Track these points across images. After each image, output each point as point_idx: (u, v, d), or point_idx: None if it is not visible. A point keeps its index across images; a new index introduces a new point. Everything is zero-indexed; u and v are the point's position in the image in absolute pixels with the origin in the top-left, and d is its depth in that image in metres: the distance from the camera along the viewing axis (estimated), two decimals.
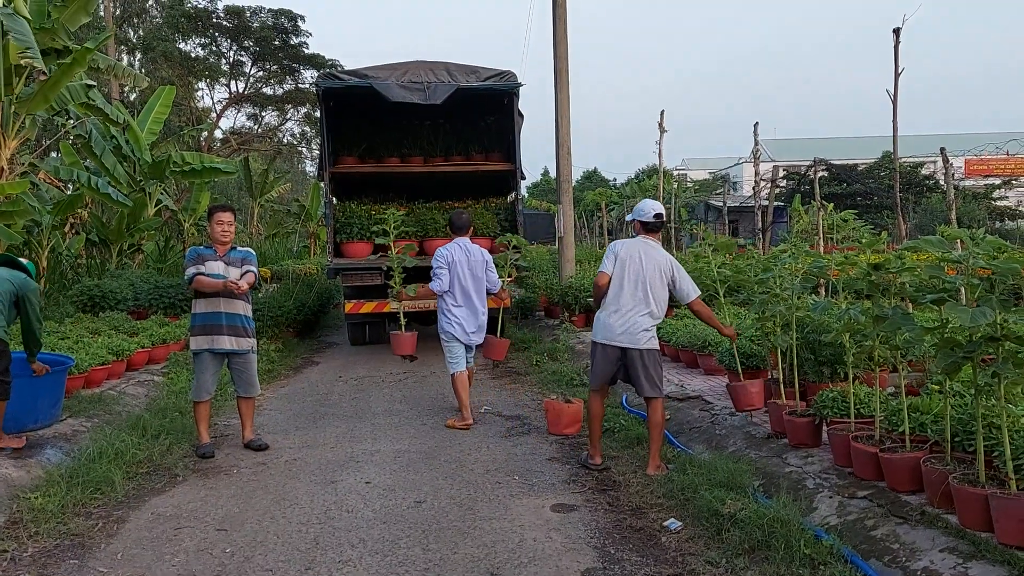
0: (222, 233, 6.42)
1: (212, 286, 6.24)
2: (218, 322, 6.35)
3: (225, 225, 6.44)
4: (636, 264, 5.65)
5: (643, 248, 5.74)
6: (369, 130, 12.65)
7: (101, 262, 15.18)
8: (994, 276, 3.70)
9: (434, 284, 7.27)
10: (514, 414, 7.63)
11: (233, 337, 6.39)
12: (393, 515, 4.91)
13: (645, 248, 5.74)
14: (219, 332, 6.36)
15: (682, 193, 39.99)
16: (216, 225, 6.43)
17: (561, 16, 13.18)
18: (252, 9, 33.04)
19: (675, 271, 5.73)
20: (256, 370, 6.66)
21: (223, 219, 6.45)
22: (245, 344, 6.47)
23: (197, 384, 6.43)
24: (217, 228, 6.42)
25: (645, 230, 5.84)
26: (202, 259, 6.34)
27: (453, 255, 7.28)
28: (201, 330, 6.36)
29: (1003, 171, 44.69)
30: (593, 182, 67.75)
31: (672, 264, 5.74)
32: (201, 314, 6.36)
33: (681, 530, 4.52)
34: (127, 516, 4.96)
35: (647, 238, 5.83)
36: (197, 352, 6.39)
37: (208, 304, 6.35)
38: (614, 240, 5.87)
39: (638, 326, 5.61)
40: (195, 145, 29.44)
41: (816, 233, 12.22)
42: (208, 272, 6.28)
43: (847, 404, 4.98)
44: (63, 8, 11.36)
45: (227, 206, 6.71)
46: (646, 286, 5.63)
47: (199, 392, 6.42)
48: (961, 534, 3.68)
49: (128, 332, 9.65)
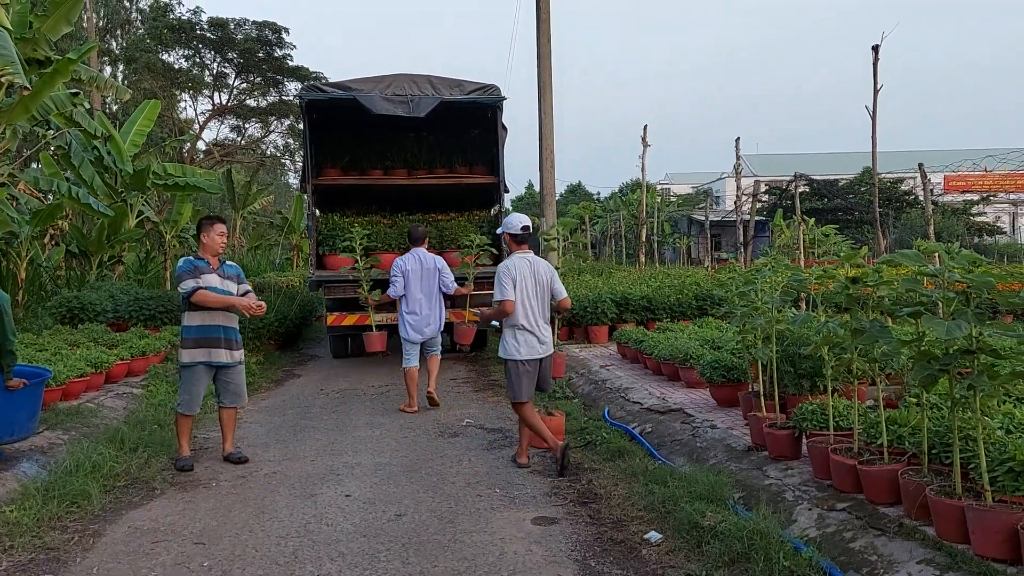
0: (221, 244, 6.47)
1: (218, 302, 6.24)
2: (216, 335, 6.36)
3: (223, 236, 6.48)
4: (530, 282, 6.22)
5: (527, 265, 6.28)
6: (352, 142, 12.64)
7: (81, 273, 15.07)
8: (970, 290, 3.74)
9: (391, 290, 8.48)
10: (496, 427, 7.62)
11: (228, 350, 6.42)
12: (373, 528, 4.88)
13: (528, 265, 6.28)
14: (217, 345, 6.36)
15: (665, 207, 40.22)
16: (217, 236, 6.45)
17: (545, 32, 13.27)
18: (236, 21, 33.01)
19: (552, 276, 6.44)
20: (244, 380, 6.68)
21: (222, 230, 6.49)
22: (238, 356, 6.53)
23: (189, 397, 6.36)
24: (218, 239, 6.46)
25: (515, 242, 6.35)
26: (199, 271, 6.31)
27: (407, 264, 8.41)
28: (196, 343, 6.31)
29: (981, 187, 45.24)
30: (577, 196, 68.04)
31: (549, 269, 6.45)
32: (197, 327, 6.31)
33: (662, 542, 4.53)
34: (103, 530, 4.90)
35: (522, 252, 6.34)
36: (191, 365, 6.32)
37: (206, 317, 6.32)
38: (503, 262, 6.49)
39: (547, 335, 6.35)
40: (177, 157, 29.33)
41: (797, 248, 12.32)
42: (205, 285, 6.27)
43: (826, 417, 5.01)
44: (44, 18, 11.29)
45: (222, 217, 6.77)
46: (544, 299, 6.31)
47: (191, 405, 6.36)
48: (938, 546, 3.70)
49: (107, 344, 9.58)
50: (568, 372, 9.85)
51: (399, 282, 8.43)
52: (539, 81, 13.31)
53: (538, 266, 6.32)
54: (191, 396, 6.36)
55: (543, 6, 13.25)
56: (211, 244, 6.46)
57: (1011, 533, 3.40)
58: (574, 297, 11.86)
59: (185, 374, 6.38)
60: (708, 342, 8.55)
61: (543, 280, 6.29)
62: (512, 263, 6.25)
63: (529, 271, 6.22)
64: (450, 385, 9.96)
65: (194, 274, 6.27)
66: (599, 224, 42.92)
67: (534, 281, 6.22)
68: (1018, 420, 4.33)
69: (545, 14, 13.28)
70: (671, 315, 11.87)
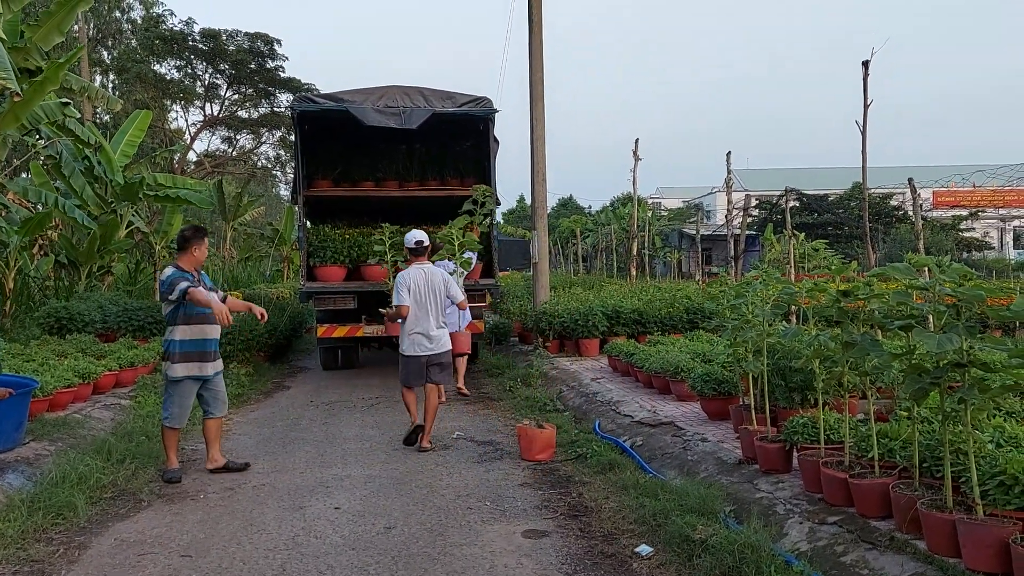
0: (205, 258, 6.49)
1: (208, 302, 6.14)
2: (205, 348, 6.35)
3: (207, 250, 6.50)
4: (424, 289, 7.22)
5: (422, 274, 7.27)
6: (344, 154, 12.64)
7: (70, 284, 14.97)
8: (960, 303, 3.76)
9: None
10: (487, 439, 7.59)
11: (214, 361, 6.44)
12: (362, 541, 4.84)
13: (423, 274, 7.28)
14: (206, 359, 6.36)
15: (656, 221, 40.33)
16: (205, 250, 6.49)
17: (537, 45, 13.31)
18: (228, 32, 33.07)
19: (448, 282, 7.44)
20: None
21: (206, 244, 6.52)
22: (220, 365, 6.57)
23: (180, 411, 6.31)
24: (205, 253, 6.49)
25: (412, 255, 7.40)
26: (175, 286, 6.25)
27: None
28: (186, 357, 6.26)
29: (970, 202, 45.61)
30: (568, 209, 68.17)
31: (444, 276, 7.42)
32: (189, 340, 6.27)
33: (652, 556, 4.50)
34: (89, 542, 4.85)
35: (419, 263, 7.37)
36: (180, 379, 6.27)
37: (195, 331, 6.29)
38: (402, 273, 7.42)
39: (440, 336, 7.30)
40: (168, 167, 29.25)
41: (787, 262, 12.35)
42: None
43: (817, 430, 5.01)
44: (36, 28, 11.28)
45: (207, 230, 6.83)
46: (437, 304, 7.28)
47: (181, 419, 6.32)
48: (929, 560, 3.69)
49: (95, 355, 9.51)
50: (559, 385, 9.84)
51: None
52: (531, 94, 13.34)
53: (433, 275, 7.32)
54: (182, 409, 6.32)
55: (535, 20, 13.30)
56: (200, 257, 6.45)
57: (1002, 547, 3.40)
58: (564, 310, 11.87)
59: (174, 388, 6.31)
60: (699, 355, 8.55)
61: (437, 287, 7.28)
62: (408, 273, 7.29)
63: (424, 280, 7.25)
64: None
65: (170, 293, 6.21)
66: (590, 237, 43.00)
67: (427, 288, 7.23)
68: (1009, 434, 4.34)
69: (537, 27, 13.32)
70: (662, 328, 11.88)
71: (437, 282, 7.30)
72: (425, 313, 7.21)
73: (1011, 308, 3.53)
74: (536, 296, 13.52)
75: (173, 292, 6.16)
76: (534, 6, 13.34)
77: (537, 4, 13.36)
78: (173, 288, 6.17)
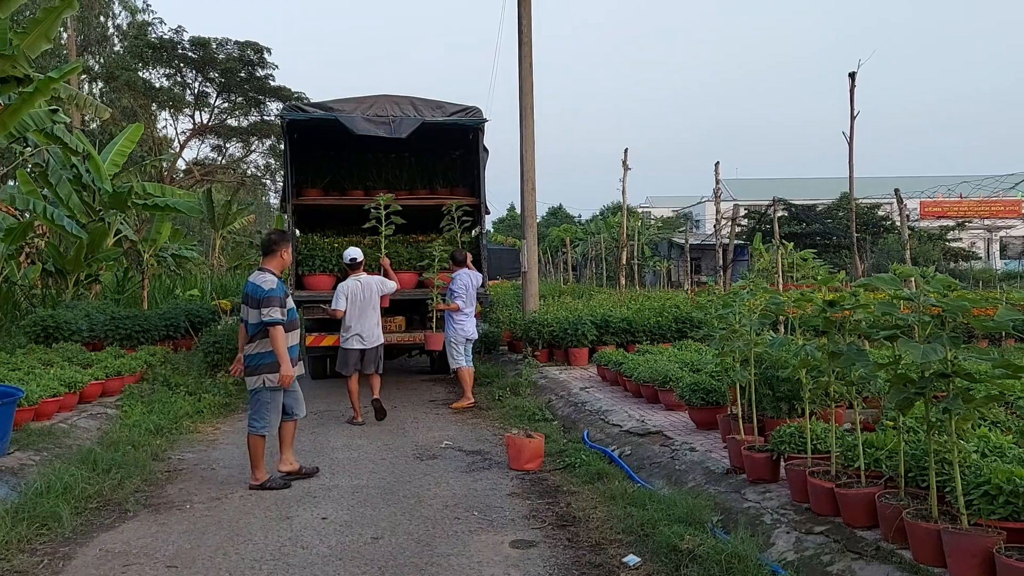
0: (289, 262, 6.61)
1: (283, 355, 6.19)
2: (296, 352, 6.51)
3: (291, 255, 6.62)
4: (360, 295, 8.85)
5: (358, 285, 8.89)
6: (333, 163, 12.62)
7: (57, 292, 14.89)
8: (945, 314, 3.78)
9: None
10: (475, 449, 7.58)
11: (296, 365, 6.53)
12: (349, 551, 4.82)
13: (360, 284, 8.90)
14: (295, 362, 6.48)
15: (646, 230, 40.42)
16: (290, 254, 6.57)
17: (526, 55, 13.36)
18: (218, 41, 33.04)
19: (382, 284, 9.08)
20: None
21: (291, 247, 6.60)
22: (301, 368, 6.78)
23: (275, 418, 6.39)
24: (290, 257, 6.58)
25: (349, 268, 9.00)
26: (286, 297, 6.36)
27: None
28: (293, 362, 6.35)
29: (956, 213, 45.92)
30: (558, 218, 68.26)
31: (379, 284, 9.05)
32: (292, 347, 6.35)
33: (640, 566, 4.50)
34: (74, 552, 4.81)
35: (355, 275, 8.95)
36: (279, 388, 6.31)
37: (292, 337, 6.37)
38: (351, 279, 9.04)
39: (374, 333, 8.94)
40: (157, 176, 29.17)
41: (776, 272, 12.40)
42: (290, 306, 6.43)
43: (804, 440, 5.02)
44: (24, 35, 11.23)
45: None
46: (372, 305, 8.92)
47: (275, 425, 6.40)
48: (915, 570, 3.71)
49: (82, 364, 9.46)
50: (548, 394, 9.84)
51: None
52: (520, 104, 13.38)
53: (369, 284, 8.95)
54: (277, 416, 6.39)
55: (524, 31, 13.36)
56: (287, 260, 6.54)
57: (986, 557, 3.41)
58: (554, 319, 11.89)
59: (273, 396, 6.31)
60: (687, 365, 8.57)
61: (371, 294, 8.89)
62: (347, 284, 8.91)
63: (360, 289, 8.86)
64: (428, 407, 9.91)
65: (283, 303, 6.26)
66: (580, 247, 43.06)
67: (363, 296, 8.84)
68: (993, 444, 4.37)
69: (527, 38, 13.37)
70: (651, 337, 11.90)
71: (371, 290, 8.91)
72: (360, 315, 8.82)
73: (995, 318, 3.56)
74: (525, 305, 13.53)
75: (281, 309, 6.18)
76: (523, 17, 13.39)
77: (527, 15, 13.42)
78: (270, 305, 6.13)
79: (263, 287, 6.19)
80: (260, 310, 6.15)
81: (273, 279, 6.27)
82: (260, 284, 6.23)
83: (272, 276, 6.30)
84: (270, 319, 6.12)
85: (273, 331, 6.13)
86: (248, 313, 6.30)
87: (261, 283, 6.23)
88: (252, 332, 6.26)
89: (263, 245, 6.60)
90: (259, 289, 6.20)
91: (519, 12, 13.46)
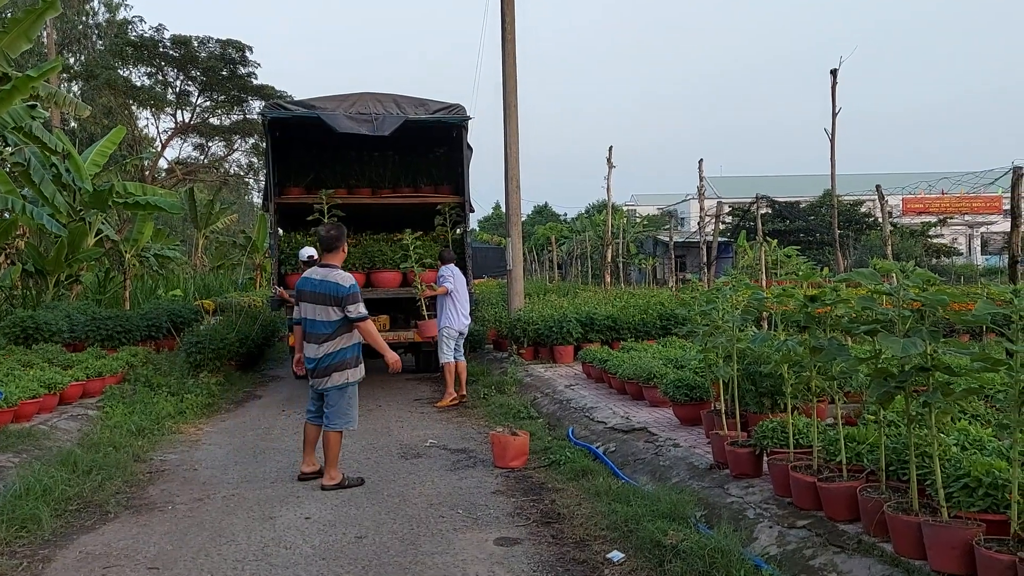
0: None
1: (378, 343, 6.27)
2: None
3: None
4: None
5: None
6: (316, 161, 12.56)
7: (37, 293, 14.75)
8: (924, 308, 3.80)
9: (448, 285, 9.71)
10: (460, 447, 7.57)
11: None
12: (333, 551, 4.80)
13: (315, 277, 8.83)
14: None
15: (631, 228, 40.49)
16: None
17: (510, 52, 13.35)
18: (200, 39, 32.81)
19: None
20: None
21: None
22: None
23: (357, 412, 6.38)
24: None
25: (305, 265, 9.26)
26: None
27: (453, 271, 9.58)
28: (359, 360, 6.34)
29: (938, 209, 46.33)
30: (544, 216, 68.29)
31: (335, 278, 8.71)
32: (359, 343, 6.33)
33: (624, 562, 4.51)
34: (54, 555, 4.76)
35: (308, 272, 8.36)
36: (358, 382, 6.34)
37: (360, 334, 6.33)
38: None
39: None
40: (138, 175, 28.96)
41: (760, 268, 12.46)
42: None
43: (786, 434, 5.05)
44: (3, 34, 11.14)
45: None
46: None
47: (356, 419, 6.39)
48: (896, 562, 3.73)
49: (62, 365, 9.38)
50: (533, 392, 9.84)
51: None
52: (504, 101, 13.37)
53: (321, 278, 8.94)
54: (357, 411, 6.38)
55: (508, 28, 13.34)
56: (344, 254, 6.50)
57: (966, 549, 3.44)
58: (539, 317, 11.89)
59: (355, 391, 6.33)
60: (671, 361, 8.59)
61: None
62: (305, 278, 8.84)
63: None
64: (414, 405, 9.89)
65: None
66: (565, 244, 43.11)
67: None
68: (973, 437, 4.40)
69: (510, 35, 13.36)
70: (635, 335, 11.93)
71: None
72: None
73: (974, 313, 3.58)
74: (511, 303, 13.52)
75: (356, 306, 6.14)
76: (507, 15, 13.38)
77: (510, 12, 13.41)
78: (356, 302, 6.14)
79: (344, 284, 6.13)
80: (345, 307, 6.12)
81: (349, 276, 6.25)
82: (340, 282, 6.15)
83: (347, 273, 6.28)
84: (358, 315, 6.12)
85: (364, 326, 6.15)
86: (316, 311, 6.20)
87: (340, 280, 6.16)
88: (328, 330, 6.16)
89: (323, 242, 6.50)
90: (340, 287, 6.12)
91: (502, 10, 13.44)
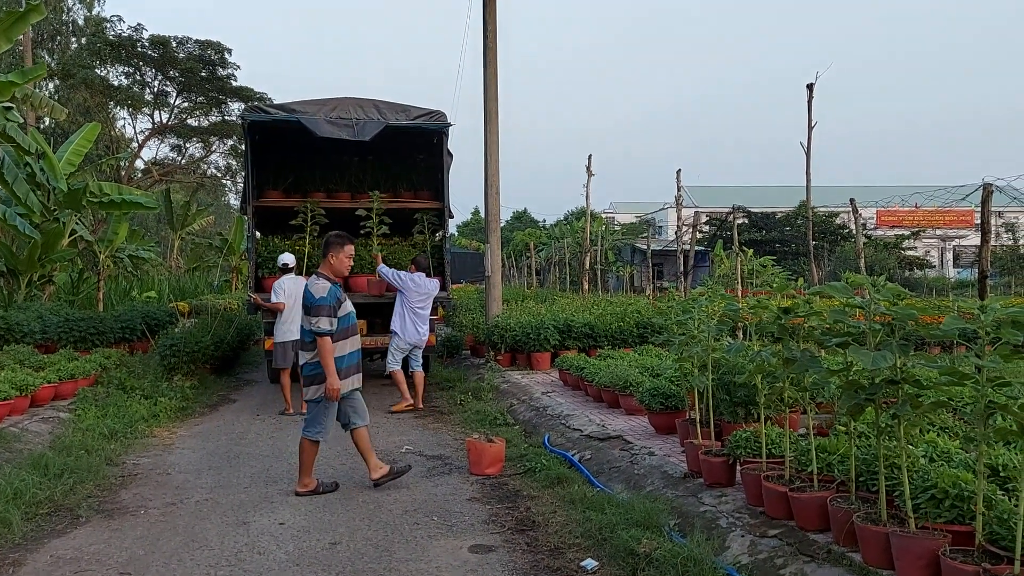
0: (348, 268, 6.37)
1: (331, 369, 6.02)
2: (358, 360, 6.33)
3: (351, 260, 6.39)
4: (295, 292, 9.38)
5: (294, 282, 9.73)
6: (295, 164, 12.52)
7: (9, 293, 14.56)
8: (895, 321, 3.87)
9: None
10: (436, 454, 7.57)
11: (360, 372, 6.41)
12: (306, 557, 4.79)
13: (295, 282, 9.69)
14: (358, 371, 6.34)
15: (609, 235, 40.69)
16: (346, 259, 6.30)
17: (491, 59, 13.39)
18: (178, 39, 32.61)
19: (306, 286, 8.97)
20: None
21: (351, 252, 6.37)
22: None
23: (331, 424, 6.21)
24: (347, 262, 6.31)
25: (281, 272, 10.00)
26: (339, 304, 6.11)
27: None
28: (347, 372, 6.18)
29: (912, 222, 46.98)
30: (523, 222, 68.44)
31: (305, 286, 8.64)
32: (348, 355, 6.19)
33: (598, 570, 4.54)
34: (24, 559, 4.72)
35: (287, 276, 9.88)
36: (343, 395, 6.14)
37: (352, 344, 6.23)
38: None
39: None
40: (114, 175, 28.67)
41: (736, 278, 12.56)
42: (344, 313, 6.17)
43: (759, 444, 5.10)
44: None
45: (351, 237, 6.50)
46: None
47: (328, 433, 6.22)
48: (865, 572, 3.78)
49: (34, 366, 9.27)
50: (510, 399, 9.86)
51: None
52: (485, 108, 13.40)
53: (298, 285, 9.28)
54: (332, 424, 6.22)
55: (490, 36, 13.39)
56: (337, 266, 6.25)
57: (933, 559, 3.50)
58: (516, 323, 11.92)
59: (331, 404, 6.13)
60: (648, 370, 8.65)
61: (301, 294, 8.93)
62: (282, 282, 9.79)
63: (295, 286, 9.49)
64: (390, 412, 9.87)
65: (338, 309, 6.06)
66: (544, 251, 43.21)
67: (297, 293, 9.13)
68: (941, 448, 4.48)
69: (492, 43, 13.41)
70: (613, 342, 11.98)
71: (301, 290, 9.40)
72: (296, 309, 9.20)
73: (942, 328, 3.65)
74: (489, 309, 13.53)
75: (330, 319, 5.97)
76: (488, 23, 13.42)
77: (491, 21, 13.45)
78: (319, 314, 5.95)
79: (314, 295, 6.02)
80: (309, 318, 6.03)
81: (325, 285, 6.07)
82: (312, 292, 6.06)
83: (325, 283, 6.10)
84: (317, 329, 5.96)
85: (320, 341, 5.95)
86: (303, 319, 6.17)
87: (313, 291, 6.06)
88: (308, 339, 6.09)
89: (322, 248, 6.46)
90: (311, 297, 6.04)
91: (484, 18, 13.48)
